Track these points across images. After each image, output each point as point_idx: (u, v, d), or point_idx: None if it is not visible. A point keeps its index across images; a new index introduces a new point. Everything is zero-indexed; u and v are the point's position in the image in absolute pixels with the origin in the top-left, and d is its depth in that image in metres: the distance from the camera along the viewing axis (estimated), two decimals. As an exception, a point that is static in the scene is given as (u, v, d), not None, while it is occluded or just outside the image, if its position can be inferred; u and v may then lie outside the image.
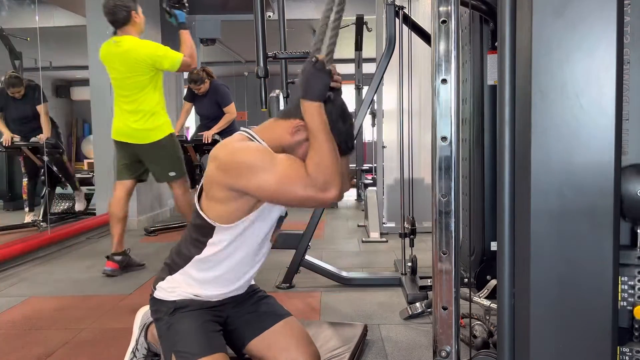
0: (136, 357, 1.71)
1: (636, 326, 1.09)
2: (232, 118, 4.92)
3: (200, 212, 1.43)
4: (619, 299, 1.09)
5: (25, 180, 5.18)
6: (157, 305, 1.53)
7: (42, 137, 4.73)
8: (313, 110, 1.32)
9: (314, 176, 1.28)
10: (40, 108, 4.81)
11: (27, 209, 5.08)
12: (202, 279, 1.49)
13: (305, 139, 1.37)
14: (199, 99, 5.00)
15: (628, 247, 1.10)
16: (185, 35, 3.13)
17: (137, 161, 3.28)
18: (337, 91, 1.39)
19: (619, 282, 1.07)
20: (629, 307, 1.09)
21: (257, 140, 1.40)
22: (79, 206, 5.39)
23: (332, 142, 1.33)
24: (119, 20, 3.03)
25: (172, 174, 3.25)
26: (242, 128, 1.47)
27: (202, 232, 1.45)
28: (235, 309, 1.59)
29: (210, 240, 1.44)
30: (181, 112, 5.18)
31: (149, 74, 3.07)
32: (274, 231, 1.53)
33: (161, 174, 3.30)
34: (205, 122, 5.08)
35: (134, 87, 3.09)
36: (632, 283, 1.09)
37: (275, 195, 1.33)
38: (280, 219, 1.54)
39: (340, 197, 1.35)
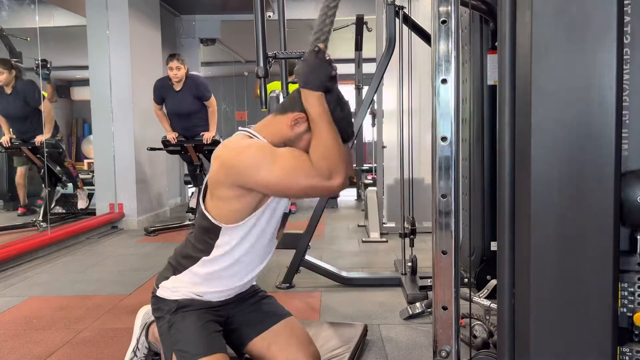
0: (137, 356, 1.71)
1: (636, 332, 1.09)
2: (215, 111, 4.74)
3: (206, 213, 1.44)
4: (619, 305, 1.08)
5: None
6: (159, 304, 1.53)
7: (39, 139, 4.68)
8: (315, 100, 1.33)
9: (319, 165, 1.29)
10: (42, 106, 4.73)
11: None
12: (210, 278, 1.49)
13: (305, 130, 1.38)
14: (172, 96, 4.57)
15: (628, 253, 1.10)
16: None
17: None
18: (334, 79, 1.39)
19: (619, 286, 1.07)
20: (629, 314, 1.09)
21: (258, 138, 1.41)
22: (81, 204, 5.40)
23: (334, 130, 1.34)
24: None
25: None
26: (240, 127, 1.47)
27: (209, 233, 1.45)
28: (236, 309, 1.59)
29: (217, 242, 1.45)
30: (158, 117, 4.71)
31: None
32: (279, 229, 1.54)
33: None
34: (183, 121, 4.65)
35: None
36: (632, 289, 1.09)
37: (281, 188, 1.33)
38: (285, 216, 1.55)
39: (345, 184, 1.35)
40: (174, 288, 1.51)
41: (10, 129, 4.81)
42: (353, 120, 1.49)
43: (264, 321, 1.58)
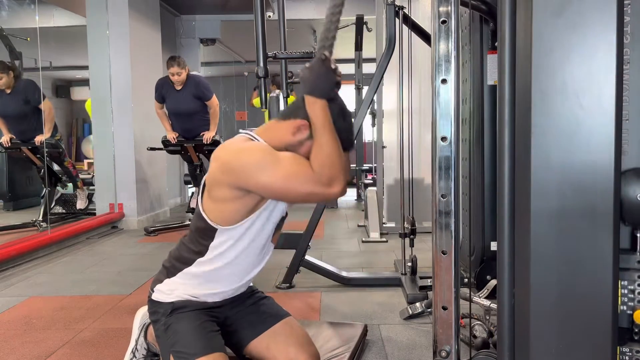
0: (135, 357, 1.71)
1: (636, 330, 1.09)
2: (218, 111, 4.73)
3: (203, 214, 1.44)
4: (619, 303, 1.08)
5: None
6: (155, 307, 1.53)
7: (39, 139, 4.68)
8: (319, 108, 1.33)
9: (320, 172, 1.30)
10: (42, 106, 4.72)
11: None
12: (204, 280, 1.49)
13: (307, 138, 1.38)
14: (173, 95, 4.55)
15: (628, 251, 1.10)
16: None
17: None
18: (338, 88, 1.40)
19: (619, 285, 1.07)
20: (628, 312, 1.09)
21: (259, 141, 1.41)
22: (81, 204, 5.39)
23: (336, 138, 1.34)
24: None
25: None
26: (242, 130, 1.47)
27: (204, 234, 1.45)
28: (233, 310, 1.59)
29: (212, 244, 1.45)
30: (159, 116, 4.72)
31: None
32: (275, 232, 1.54)
33: None
34: (183, 121, 4.64)
35: None
36: (632, 287, 1.09)
37: (280, 192, 1.33)
38: (282, 220, 1.55)
39: (344, 192, 1.36)
40: (169, 290, 1.51)
41: (9, 129, 4.79)
42: (355, 131, 1.49)
43: (262, 322, 1.58)
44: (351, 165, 6.61)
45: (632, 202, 1.04)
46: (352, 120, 1.46)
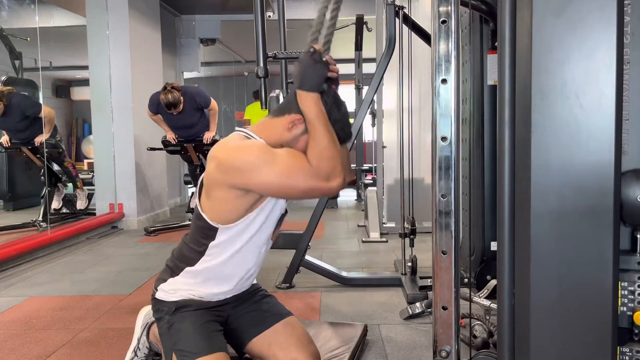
0: (137, 356, 1.71)
1: (636, 331, 1.09)
2: (217, 112, 4.75)
3: (202, 214, 1.43)
4: (619, 304, 1.08)
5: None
6: (159, 305, 1.53)
7: (39, 139, 4.68)
8: (310, 101, 1.32)
9: (317, 166, 1.29)
10: (44, 112, 4.71)
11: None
12: (206, 279, 1.49)
13: (302, 132, 1.37)
14: (172, 116, 4.53)
15: (628, 252, 1.10)
16: None
17: None
18: (331, 81, 1.39)
19: (619, 285, 1.07)
20: (629, 313, 1.09)
21: (255, 138, 1.40)
22: (80, 204, 5.39)
23: (331, 131, 1.33)
24: None
25: None
26: (237, 128, 1.47)
27: (205, 234, 1.45)
28: (236, 308, 1.59)
29: (213, 242, 1.45)
30: (155, 121, 4.70)
31: None
32: (275, 229, 1.54)
33: None
34: (184, 131, 4.65)
35: None
36: (632, 288, 1.08)
37: (279, 189, 1.33)
38: (282, 216, 1.55)
39: (344, 185, 1.35)
40: (172, 290, 1.51)
41: (12, 138, 4.79)
42: (351, 120, 1.48)
43: (264, 321, 1.58)
44: (352, 165, 6.60)
45: (632, 204, 1.04)
46: (348, 110, 1.45)
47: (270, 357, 1.52)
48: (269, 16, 5.93)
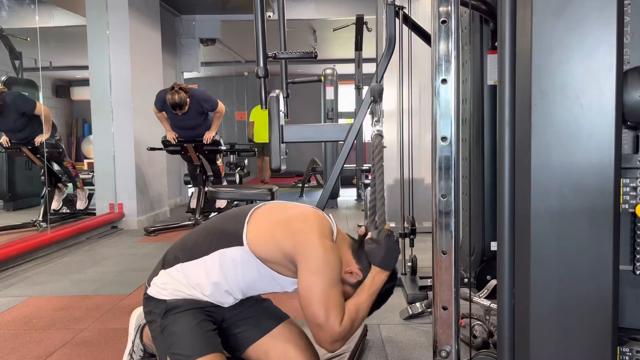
0: (133, 359, 1.70)
1: (639, 224, 1.07)
2: (222, 114, 4.80)
3: (245, 225, 1.45)
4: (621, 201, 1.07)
5: None
6: (150, 306, 1.51)
7: (38, 139, 4.68)
8: (380, 279, 1.45)
9: (344, 329, 1.35)
10: (39, 109, 4.71)
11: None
12: (195, 282, 1.47)
13: (352, 284, 1.46)
14: (177, 115, 4.59)
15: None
16: None
17: None
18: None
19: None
20: (630, 210, 1.08)
21: (335, 238, 1.48)
22: (80, 204, 5.39)
23: (371, 306, 1.45)
24: None
25: None
26: (322, 212, 1.53)
27: (227, 240, 1.45)
28: (231, 312, 1.57)
29: (223, 250, 1.44)
30: (158, 118, 4.79)
31: None
32: (270, 293, 1.58)
33: None
34: (186, 132, 4.74)
35: None
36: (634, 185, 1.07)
37: (305, 299, 1.36)
38: (280, 291, 1.57)
39: (336, 348, 1.41)
40: (163, 285, 1.49)
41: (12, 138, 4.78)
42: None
43: (262, 325, 1.57)
44: (351, 166, 6.61)
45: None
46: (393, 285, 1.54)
47: None
48: (269, 16, 5.93)
